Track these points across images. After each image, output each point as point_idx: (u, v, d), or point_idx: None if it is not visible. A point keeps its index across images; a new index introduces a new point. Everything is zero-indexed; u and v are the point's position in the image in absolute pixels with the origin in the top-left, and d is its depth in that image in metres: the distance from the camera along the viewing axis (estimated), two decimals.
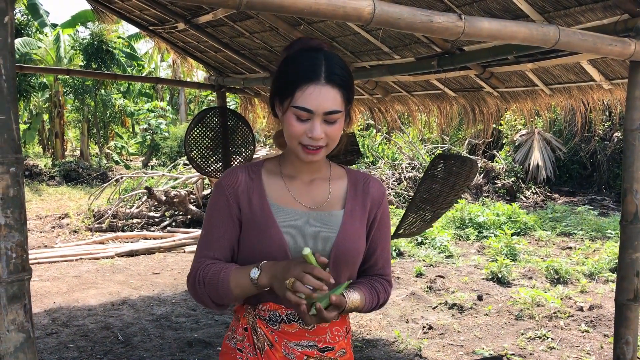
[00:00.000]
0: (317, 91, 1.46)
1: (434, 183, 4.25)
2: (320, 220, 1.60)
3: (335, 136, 1.51)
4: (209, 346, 4.67)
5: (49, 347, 4.60)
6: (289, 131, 1.50)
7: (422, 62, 3.53)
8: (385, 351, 4.64)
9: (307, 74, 1.47)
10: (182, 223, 10.13)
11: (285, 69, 1.52)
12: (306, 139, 1.49)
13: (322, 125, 1.48)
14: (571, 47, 1.99)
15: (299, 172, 1.63)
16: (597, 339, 4.92)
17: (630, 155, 2.18)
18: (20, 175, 1.26)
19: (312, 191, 1.63)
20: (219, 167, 5.71)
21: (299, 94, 1.46)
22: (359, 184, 1.68)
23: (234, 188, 1.59)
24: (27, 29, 18.43)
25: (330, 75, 1.47)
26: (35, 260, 7.43)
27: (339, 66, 1.50)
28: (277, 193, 1.61)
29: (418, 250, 8.27)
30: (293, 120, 1.48)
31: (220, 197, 1.60)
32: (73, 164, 18.00)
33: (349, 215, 1.62)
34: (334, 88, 1.47)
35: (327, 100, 1.46)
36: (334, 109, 1.47)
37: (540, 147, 14.47)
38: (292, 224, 1.57)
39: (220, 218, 1.59)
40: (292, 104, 1.47)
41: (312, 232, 1.58)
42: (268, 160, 1.69)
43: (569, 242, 9.20)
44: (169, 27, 4.91)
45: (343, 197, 1.65)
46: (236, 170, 1.62)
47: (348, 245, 1.59)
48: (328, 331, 1.60)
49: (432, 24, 1.64)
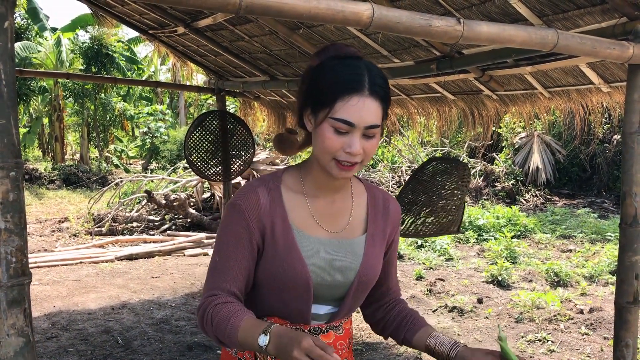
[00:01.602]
0: (360, 103, 1.34)
1: (418, 184, 4.26)
2: (344, 249, 1.52)
3: (371, 152, 1.40)
4: (208, 350, 4.67)
5: (49, 351, 4.60)
6: (323, 144, 1.38)
7: (421, 66, 3.53)
8: (385, 354, 4.64)
9: (351, 83, 1.36)
10: (182, 226, 10.13)
11: (321, 77, 1.41)
12: (342, 154, 1.37)
13: (361, 140, 1.36)
14: (570, 51, 1.99)
15: (321, 190, 1.52)
16: (597, 342, 4.92)
17: (630, 158, 2.18)
18: (20, 180, 1.26)
19: (334, 213, 1.53)
20: (219, 171, 5.72)
21: (339, 104, 1.35)
22: (379, 204, 1.60)
23: (255, 211, 1.45)
24: (27, 33, 18.46)
25: (374, 87, 1.37)
26: (35, 264, 7.43)
27: (381, 77, 1.41)
28: (299, 216, 1.50)
29: (418, 253, 8.27)
30: (330, 133, 1.36)
31: (239, 221, 1.46)
32: (73, 168, 18.01)
33: (370, 241, 1.56)
34: (376, 100, 1.37)
35: (370, 114, 1.36)
36: (375, 123, 1.37)
37: (540, 149, 14.48)
38: (316, 256, 1.48)
39: (237, 245, 1.45)
40: (331, 116, 1.35)
41: (337, 263, 1.50)
42: (287, 172, 1.55)
43: (569, 244, 9.20)
44: (168, 30, 4.92)
45: (364, 220, 1.57)
46: (256, 190, 1.47)
47: (370, 273, 1.55)
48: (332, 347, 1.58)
49: (430, 27, 1.64)
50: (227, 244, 1.47)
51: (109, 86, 20.01)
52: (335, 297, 1.54)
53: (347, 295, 1.53)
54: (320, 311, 1.54)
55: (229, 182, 6.03)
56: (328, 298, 1.53)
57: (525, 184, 14.36)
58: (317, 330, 1.55)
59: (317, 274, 1.47)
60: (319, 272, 1.47)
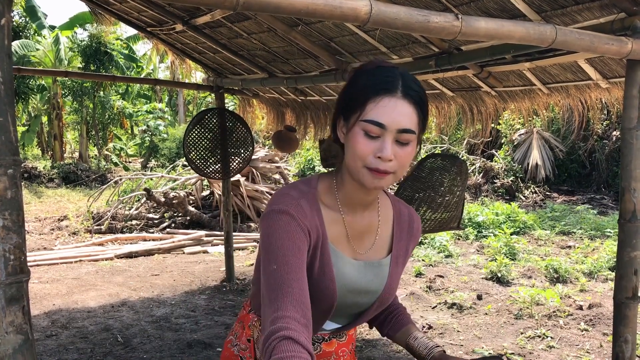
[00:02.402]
0: (392, 104, 1.27)
1: (415, 181, 4.26)
2: (371, 272, 1.47)
3: (405, 162, 1.31)
4: (208, 347, 4.67)
5: (49, 349, 4.60)
6: (355, 150, 1.29)
7: (420, 62, 3.54)
8: (384, 351, 4.64)
9: (382, 84, 1.29)
10: (182, 224, 10.13)
11: (354, 84, 1.34)
12: (373, 161, 1.27)
13: (393, 146, 1.27)
14: (568, 46, 1.99)
15: (354, 205, 1.43)
16: (597, 338, 4.93)
17: (628, 154, 2.18)
18: (18, 177, 1.26)
19: (363, 231, 1.47)
20: (218, 168, 5.72)
21: (370, 106, 1.27)
22: (404, 222, 1.54)
23: (305, 220, 1.34)
24: (25, 31, 18.46)
25: (408, 90, 1.29)
26: (34, 262, 7.42)
27: (417, 84, 1.33)
28: (335, 233, 1.42)
29: (417, 250, 8.27)
30: (360, 137, 1.28)
31: (295, 227, 1.32)
32: (72, 166, 18.01)
33: (394, 262, 1.51)
34: (410, 104, 1.29)
35: (403, 116, 1.27)
36: (408, 127, 1.28)
37: (539, 146, 14.49)
38: (346, 278, 1.42)
39: (299, 255, 1.30)
40: (362, 118, 1.28)
41: (363, 287, 1.46)
42: (322, 183, 1.44)
43: (568, 241, 9.21)
44: (167, 28, 4.91)
45: (389, 238, 1.51)
46: (299, 201, 1.36)
47: (390, 295, 1.52)
48: (333, 354, 1.57)
49: (429, 24, 1.64)
50: (285, 251, 1.29)
51: (108, 84, 19.99)
52: (350, 315, 1.53)
53: (362, 315, 1.52)
54: (329, 327, 1.54)
55: (228, 180, 6.03)
56: (344, 315, 1.52)
57: (524, 181, 14.37)
58: (319, 338, 1.54)
59: (342, 296, 1.43)
60: (345, 294, 1.43)
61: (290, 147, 5.52)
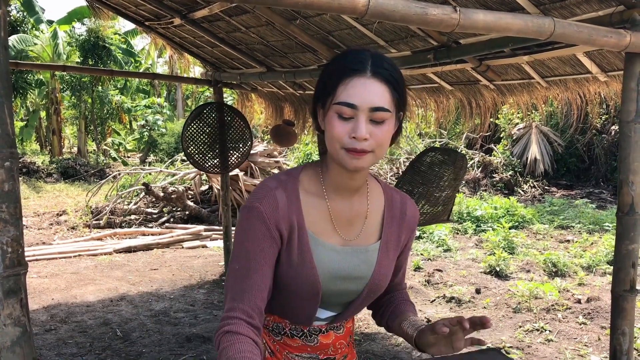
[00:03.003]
0: (361, 84, 1.29)
1: (416, 175, 4.26)
2: (357, 257, 1.46)
3: (382, 141, 1.31)
4: (207, 341, 4.68)
5: (48, 343, 4.61)
6: (331, 133, 1.32)
7: (418, 56, 3.53)
8: (383, 344, 4.65)
9: (351, 66, 1.31)
10: (180, 219, 10.13)
11: (327, 69, 1.37)
12: (349, 141, 1.29)
13: (367, 125, 1.29)
14: (566, 39, 1.98)
15: (340, 191, 1.44)
16: (595, 331, 4.94)
17: (626, 147, 2.18)
18: (15, 170, 1.26)
19: (351, 218, 1.46)
20: (217, 163, 5.71)
21: (341, 88, 1.30)
22: (396, 209, 1.53)
23: (275, 214, 1.37)
24: (22, 26, 18.40)
25: (377, 69, 1.30)
26: (33, 257, 7.43)
27: (389, 63, 1.33)
28: (317, 221, 1.42)
29: (416, 244, 8.28)
30: (335, 120, 1.30)
31: (260, 226, 1.36)
32: (70, 161, 18.00)
33: (384, 248, 1.50)
34: (381, 83, 1.30)
35: (374, 95, 1.28)
36: (380, 105, 1.29)
37: (538, 140, 14.49)
38: (329, 264, 1.42)
39: (259, 254, 1.36)
40: (334, 101, 1.30)
41: (349, 273, 1.45)
42: (305, 172, 1.46)
43: (567, 235, 9.22)
44: (165, 22, 4.90)
45: (379, 225, 1.50)
46: (274, 192, 1.38)
47: (381, 282, 1.51)
48: (331, 346, 1.56)
49: (427, 16, 1.63)
50: (248, 253, 1.36)
51: (106, 79, 19.95)
52: (342, 303, 1.52)
53: (354, 302, 1.51)
54: (323, 315, 1.53)
55: (226, 174, 6.03)
56: (335, 304, 1.51)
57: (523, 175, 14.38)
58: (316, 330, 1.54)
59: (328, 283, 1.43)
60: (330, 280, 1.43)
61: (288, 142, 5.51)
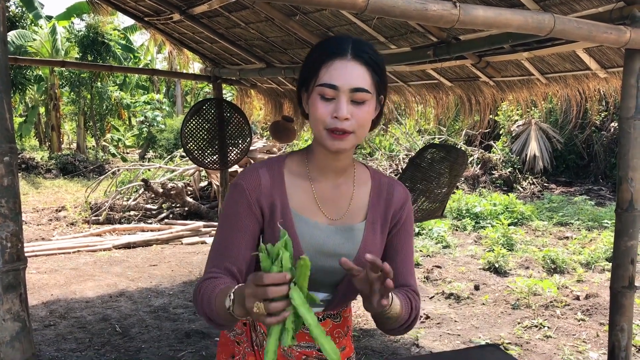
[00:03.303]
0: (342, 66, 1.36)
1: (417, 171, 4.26)
2: (342, 235, 1.50)
3: (363, 121, 1.38)
4: (206, 337, 4.69)
5: (47, 338, 4.61)
6: (314, 114, 1.39)
7: (418, 52, 3.52)
8: (382, 340, 4.66)
9: (333, 49, 1.38)
10: (180, 215, 10.13)
11: (310, 55, 1.44)
12: (331, 121, 1.36)
13: (348, 105, 1.35)
14: (566, 35, 1.98)
15: (325, 172, 1.50)
16: (593, 328, 4.95)
17: (626, 143, 2.18)
18: (14, 165, 1.26)
19: (335, 197, 1.51)
20: (216, 159, 5.71)
21: (323, 71, 1.37)
22: (383, 191, 1.56)
23: (256, 191, 1.45)
24: (21, 21, 18.35)
25: (358, 52, 1.37)
26: (32, 252, 7.43)
27: (369, 47, 1.41)
28: (300, 200, 1.49)
29: (415, 241, 8.29)
30: (317, 102, 1.37)
31: (241, 201, 1.46)
32: (70, 157, 17.97)
33: (370, 227, 1.52)
34: (361, 65, 1.37)
35: (354, 76, 1.35)
36: (361, 86, 1.36)
37: (537, 137, 14.49)
38: (313, 241, 1.47)
39: (238, 224, 1.45)
40: (317, 84, 1.37)
41: (333, 250, 1.48)
42: (291, 156, 1.54)
43: (566, 231, 9.23)
44: (164, 18, 4.88)
45: (365, 206, 1.53)
46: (257, 171, 1.48)
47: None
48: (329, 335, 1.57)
49: (426, 11, 1.63)
50: (228, 224, 1.47)
51: (106, 75, 19.90)
52: (331, 283, 1.53)
53: (344, 281, 1.52)
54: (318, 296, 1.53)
55: (226, 171, 6.02)
56: (325, 284, 1.52)
57: (522, 172, 14.38)
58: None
59: (313, 259, 1.42)
60: (315, 257, 1.45)
61: (288, 138, 5.51)
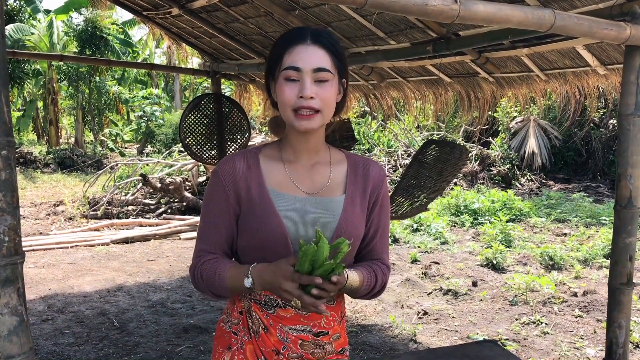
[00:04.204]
0: (303, 49, 1.46)
1: (422, 168, 4.26)
2: (321, 206, 1.56)
3: (328, 99, 1.48)
4: (204, 332, 4.69)
5: (45, 333, 4.61)
6: (281, 98, 1.48)
7: (417, 47, 3.52)
8: (380, 336, 4.66)
9: (294, 36, 1.49)
10: (178, 210, 10.12)
11: (274, 47, 1.53)
12: (297, 101, 1.46)
13: (312, 86, 1.45)
14: (566, 31, 1.98)
15: (298, 156, 1.59)
16: (591, 324, 4.96)
17: (625, 140, 2.18)
18: (11, 159, 1.25)
19: (312, 176, 1.59)
20: (214, 154, 5.70)
21: (286, 56, 1.47)
22: (359, 168, 1.65)
23: (231, 177, 1.55)
24: (19, 15, 18.27)
25: (317, 37, 1.48)
26: (30, 247, 7.42)
27: (327, 33, 1.52)
28: (276, 179, 1.57)
29: (413, 237, 8.29)
30: (283, 85, 1.47)
31: (217, 187, 1.56)
32: (68, 152, 17.94)
33: (349, 200, 1.59)
34: (321, 48, 1.47)
35: (315, 58, 1.46)
36: (322, 66, 1.46)
37: (536, 134, 14.48)
38: (292, 212, 1.54)
39: (218, 209, 1.57)
40: (281, 69, 1.47)
41: (313, 219, 1.54)
42: (266, 145, 1.64)
43: (564, 228, 9.24)
44: (163, 12, 4.86)
45: (343, 182, 1.62)
46: (233, 158, 1.58)
47: (349, 231, 1.56)
48: (323, 316, 1.59)
49: (427, 7, 1.63)
50: (209, 209, 1.59)
51: (104, 69, 19.85)
52: None
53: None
54: None
55: None
56: None
57: (520, 168, 14.38)
58: None
59: (294, 229, 1.53)
60: (296, 227, 1.53)
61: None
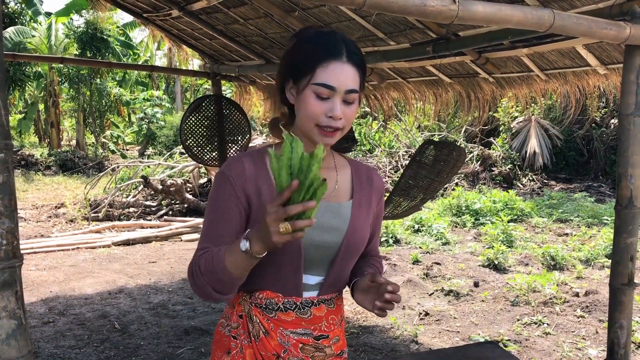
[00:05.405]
0: (339, 68, 1.42)
1: (420, 168, 4.26)
2: (331, 211, 1.56)
3: (351, 119, 1.47)
4: (205, 334, 4.68)
5: (46, 335, 4.61)
6: (307, 111, 1.44)
7: (417, 48, 3.51)
8: (381, 337, 4.66)
9: (330, 50, 1.43)
10: (179, 212, 10.13)
11: (301, 49, 1.47)
12: (325, 120, 1.42)
13: (341, 106, 1.43)
14: (566, 31, 1.97)
15: None
16: (593, 324, 4.95)
17: (626, 140, 2.18)
18: (9, 162, 1.25)
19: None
20: (215, 156, 5.69)
21: (320, 70, 1.41)
22: (363, 175, 1.67)
23: (240, 178, 1.51)
24: (20, 18, 18.28)
25: (351, 54, 1.44)
26: (31, 249, 7.43)
27: (357, 47, 1.49)
28: None
29: (415, 238, 8.28)
30: (312, 99, 1.42)
31: (225, 188, 1.51)
32: (69, 154, 17.96)
33: (357, 206, 1.61)
34: (354, 67, 1.44)
35: (349, 79, 1.43)
36: (354, 88, 1.44)
37: (537, 134, 14.46)
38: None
39: (225, 211, 1.51)
40: (313, 82, 1.42)
41: (325, 224, 1.54)
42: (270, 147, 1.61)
43: (565, 228, 9.23)
44: (163, 14, 4.87)
45: (349, 188, 1.63)
46: (241, 159, 1.54)
47: (358, 235, 1.58)
48: (324, 320, 1.59)
49: (425, 7, 1.63)
50: (216, 210, 1.52)
51: (105, 71, 19.87)
52: (324, 261, 1.56)
53: (335, 258, 1.56)
54: (310, 281, 1.57)
55: None
56: (318, 262, 1.55)
57: (522, 169, 14.36)
58: (309, 302, 1.56)
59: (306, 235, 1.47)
60: (308, 232, 1.46)
61: None
